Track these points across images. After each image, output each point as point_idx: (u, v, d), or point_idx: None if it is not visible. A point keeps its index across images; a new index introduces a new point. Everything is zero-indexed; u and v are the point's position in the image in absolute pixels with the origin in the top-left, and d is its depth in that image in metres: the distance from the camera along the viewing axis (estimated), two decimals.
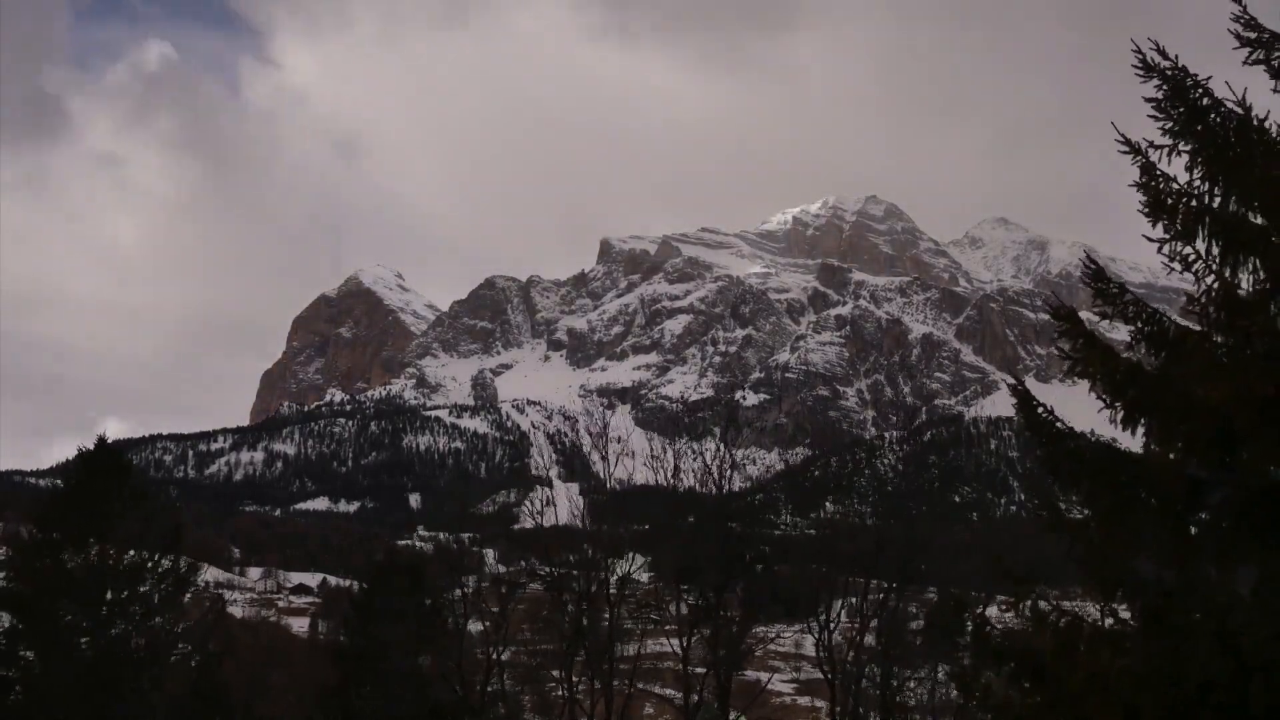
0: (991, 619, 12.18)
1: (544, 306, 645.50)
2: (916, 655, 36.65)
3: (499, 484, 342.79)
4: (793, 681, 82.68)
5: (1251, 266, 10.44)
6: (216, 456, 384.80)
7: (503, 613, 36.98)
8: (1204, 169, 10.79)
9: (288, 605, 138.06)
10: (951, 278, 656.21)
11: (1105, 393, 10.86)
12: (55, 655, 28.61)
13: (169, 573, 30.94)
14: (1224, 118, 10.77)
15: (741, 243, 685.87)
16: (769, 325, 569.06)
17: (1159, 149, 11.01)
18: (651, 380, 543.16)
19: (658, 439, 36.68)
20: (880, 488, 70.75)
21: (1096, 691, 9.91)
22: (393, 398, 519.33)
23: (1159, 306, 12.87)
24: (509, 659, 38.41)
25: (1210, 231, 10.60)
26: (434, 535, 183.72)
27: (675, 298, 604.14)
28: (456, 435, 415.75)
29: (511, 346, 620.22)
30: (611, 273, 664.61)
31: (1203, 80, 10.92)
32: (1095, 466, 11.11)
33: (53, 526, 29.97)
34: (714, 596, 34.18)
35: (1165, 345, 10.80)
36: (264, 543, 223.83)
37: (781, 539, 44.50)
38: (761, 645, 40.80)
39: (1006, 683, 11.69)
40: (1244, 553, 10.42)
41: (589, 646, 34.44)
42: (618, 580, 36.11)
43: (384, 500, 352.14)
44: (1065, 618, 10.85)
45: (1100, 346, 11.01)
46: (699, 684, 35.15)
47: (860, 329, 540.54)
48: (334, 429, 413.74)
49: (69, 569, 29.43)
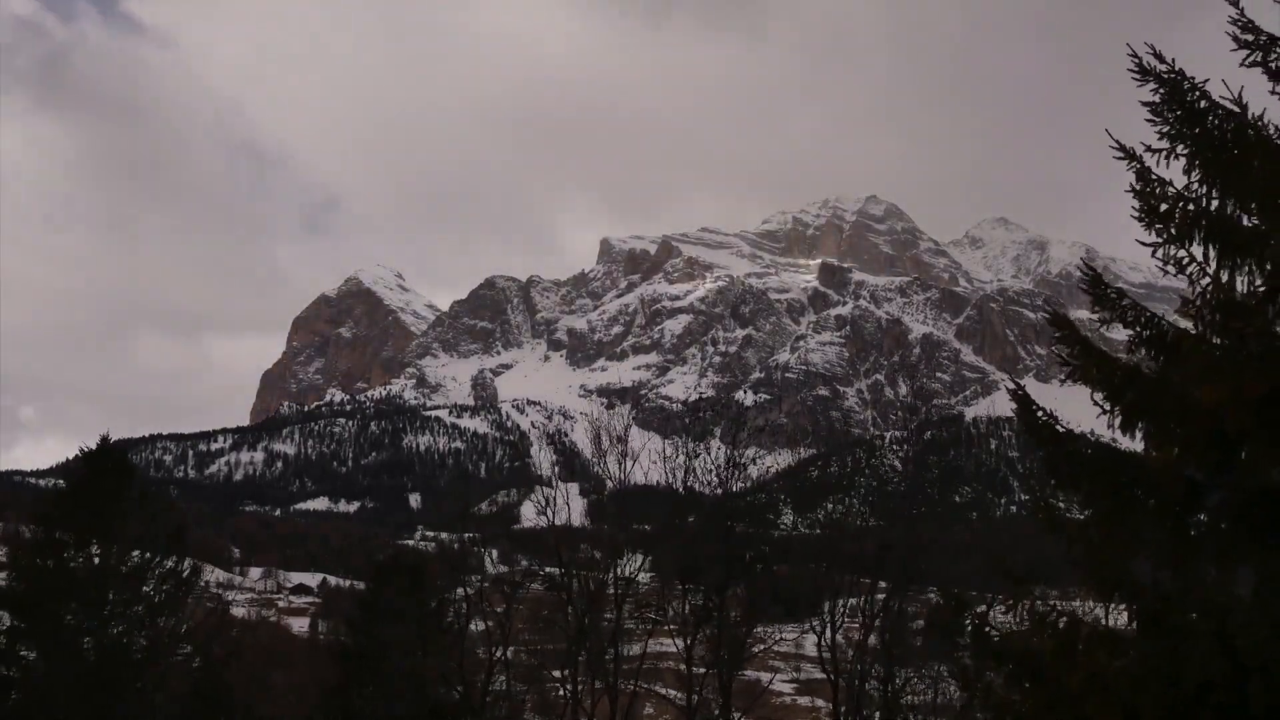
0: (992, 620, 12.23)
1: (544, 306, 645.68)
2: (918, 655, 36.69)
3: (499, 484, 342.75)
4: (793, 681, 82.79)
5: (1248, 269, 10.48)
6: (216, 456, 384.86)
7: (506, 613, 37.03)
8: (1201, 172, 10.83)
9: (288, 605, 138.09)
10: (951, 278, 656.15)
11: (1104, 398, 10.91)
12: (57, 655, 28.65)
13: (171, 574, 31.00)
14: (1221, 120, 10.81)
15: (741, 243, 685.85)
16: (769, 325, 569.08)
17: (1155, 152, 11.05)
18: (651, 380, 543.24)
19: (658, 439, 36.62)
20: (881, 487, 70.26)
21: (1095, 692, 9.95)
22: (393, 398, 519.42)
23: (1159, 307, 12.95)
24: (510, 658, 38.45)
25: (1207, 235, 10.64)
26: (435, 535, 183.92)
27: (675, 298, 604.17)
28: (456, 435, 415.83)
29: (511, 346, 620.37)
30: (611, 273, 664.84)
31: (1199, 83, 10.95)
32: (1095, 468, 11.16)
33: (55, 526, 30.02)
34: (716, 597, 34.22)
35: (1163, 348, 10.85)
36: (264, 543, 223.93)
37: (783, 539, 44.40)
38: (762, 646, 40.84)
39: (1006, 683, 11.74)
40: (1243, 554, 10.46)
41: (590, 646, 34.48)
42: (621, 580, 36.13)
43: (384, 500, 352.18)
44: (1064, 618, 10.89)
45: (1097, 353, 11.08)
46: (700, 684, 35.19)
47: (860, 329, 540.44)
48: (334, 429, 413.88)
49: (71, 569, 29.48)
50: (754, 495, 43.76)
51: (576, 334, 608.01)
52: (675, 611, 37.17)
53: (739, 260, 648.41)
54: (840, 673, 35.07)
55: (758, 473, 37.89)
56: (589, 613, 34.75)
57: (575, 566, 36.27)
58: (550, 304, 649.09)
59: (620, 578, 36.40)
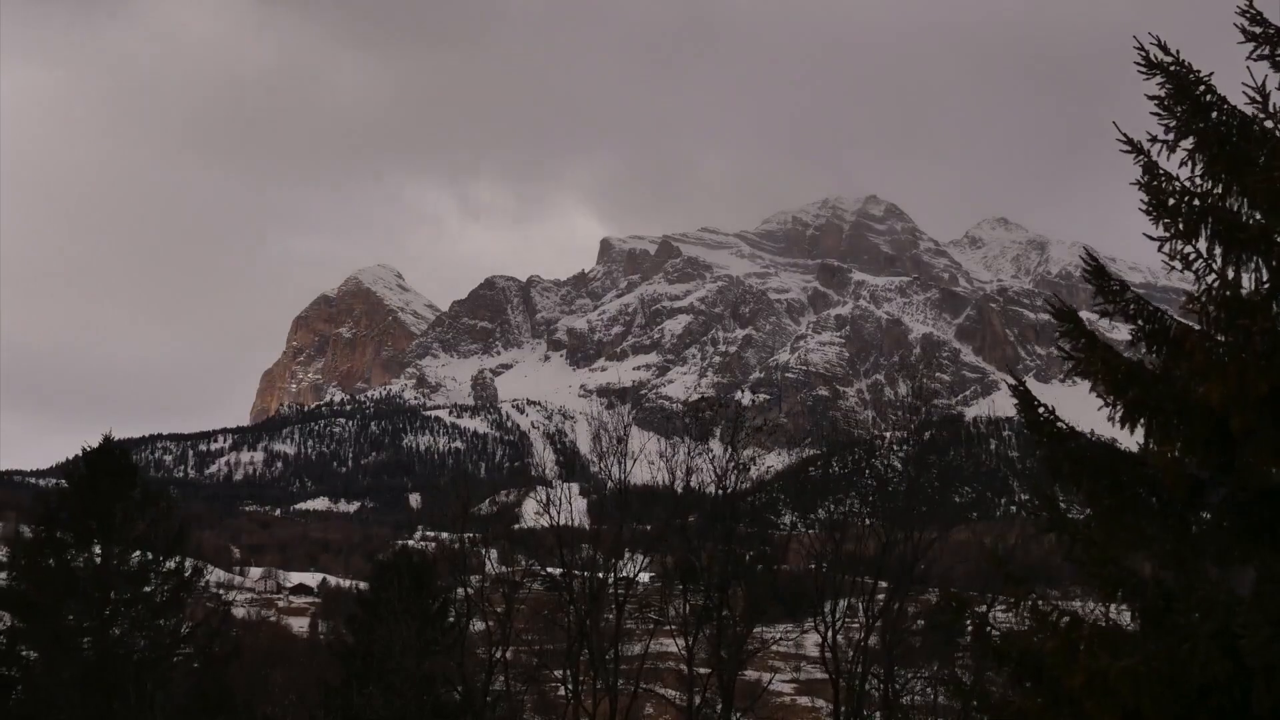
0: (992, 619, 12.19)
1: (544, 306, 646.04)
2: (918, 655, 36.66)
3: (499, 484, 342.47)
4: (793, 681, 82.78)
5: (1254, 265, 10.40)
6: (216, 456, 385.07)
7: (506, 613, 36.97)
8: (1207, 166, 10.76)
9: (288, 605, 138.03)
10: (951, 278, 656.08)
11: (1106, 392, 10.84)
12: (58, 655, 28.61)
13: (173, 574, 30.96)
14: (1228, 114, 10.73)
15: (741, 243, 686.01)
16: (769, 325, 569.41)
17: (1161, 144, 10.95)
18: (651, 380, 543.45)
19: (658, 439, 36.61)
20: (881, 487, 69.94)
21: (1096, 692, 9.90)
22: (393, 398, 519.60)
23: (1159, 306, 12.88)
24: (510, 658, 38.40)
25: (1213, 230, 10.56)
26: (435, 535, 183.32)
27: (675, 298, 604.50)
28: (456, 435, 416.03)
29: (511, 346, 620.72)
30: (611, 273, 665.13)
31: (1205, 76, 10.87)
32: (1096, 466, 11.10)
33: (57, 526, 29.96)
34: (716, 597, 34.19)
35: (1166, 344, 10.77)
36: (264, 543, 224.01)
37: (783, 539, 44.25)
38: (763, 646, 40.80)
39: (1007, 683, 11.69)
40: (1245, 553, 10.41)
41: (590, 646, 34.43)
42: (621, 580, 36.09)
43: (384, 500, 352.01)
44: (1065, 618, 10.84)
45: (1101, 345, 10.99)
46: (701, 684, 35.15)
47: (860, 329, 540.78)
48: (334, 429, 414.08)
49: (73, 569, 29.43)
50: (754, 495, 43.70)
51: (576, 334, 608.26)
52: (675, 611, 37.12)
53: (739, 260, 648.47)
54: (840, 673, 35.04)
55: (758, 473, 37.84)
56: (589, 613, 34.70)
57: (575, 566, 36.22)
58: (550, 304, 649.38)
59: (620, 578, 36.36)
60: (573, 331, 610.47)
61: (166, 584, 30.95)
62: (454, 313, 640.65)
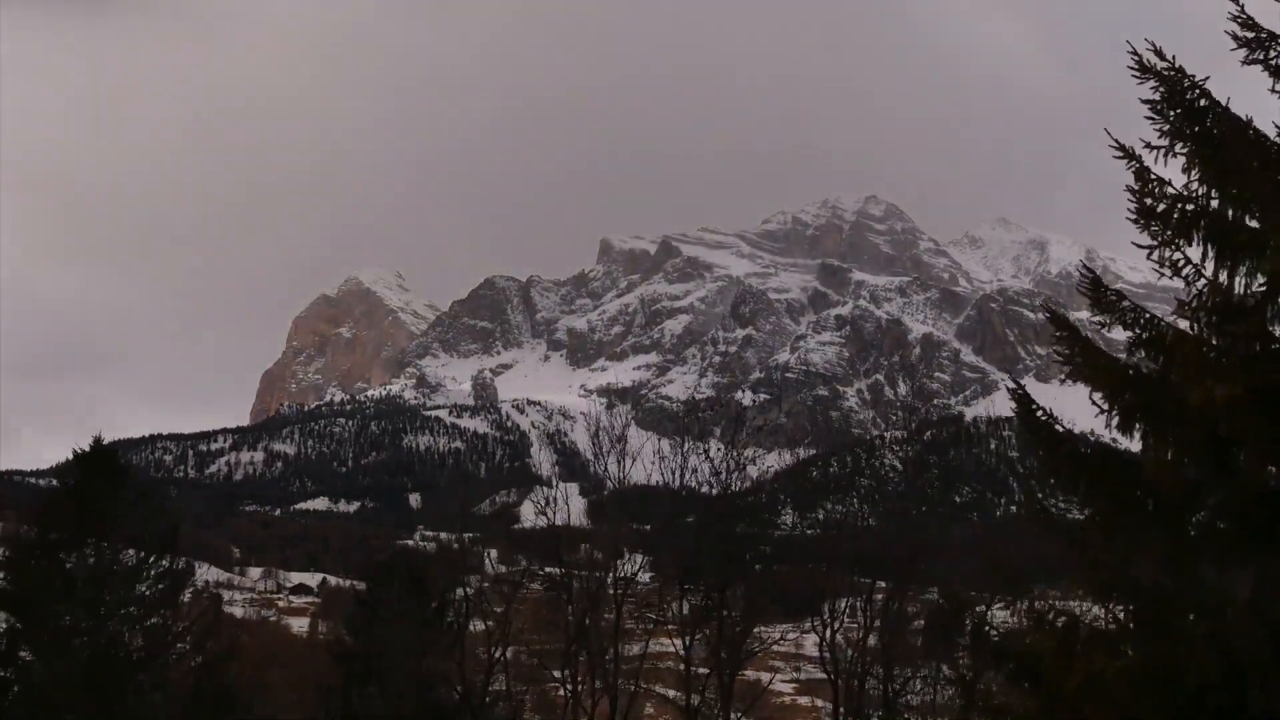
0: (991, 619, 12.23)
1: (544, 306, 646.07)
2: (918, 655, 36.71)
3: (499, 484, 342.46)
4: (793, 681, 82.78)
5: (1246, 270, 10.43)
6: (216, 456, 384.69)
7: (506, 613, 37.04)
8: (1200, 171, 10.78)
9: (288, 605, 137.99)
10: (951, 278, 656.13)
11: (1102, 398, 10.88)
12: (53, 656, 28.66)
13: (165, 573, 31.01)
14: (1221, 119, 10.75)
15: (741, 243, 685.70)
16: (769, 325, 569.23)
17: (1154, 149, 10.98)
18: (651, 380, 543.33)
19: (659, 439, 36.67)
20: (881, 487, 70.24)
21: (1094, 693, 9.94)
22: (393, 398, 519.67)
23: (1159, 307, 12.91)
24: (510, 658, 38.45)
25: (1206, 235, 10.59)
26: (435, 535, 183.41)
27: (675, 298, 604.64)
28: (456, 435, 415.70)
29: (511, 346, 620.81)
30: (611, 272, 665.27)
31: (1200, 81, 10.89)
32: (1094, 469, 11.14)
33: (50, 527, 30.04)
34: (716, 597, 34.23)
35: (1162, 349, 10.81)
36: (264, 543, 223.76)
37: (783, 539, 44.54)
38: (762, 645, 40.85)
39: (1006, 684, 11.72)
40: (1241, 555, 10.44)
41: (590, 646, 34.48)
42: (621, 580, 36.12)
43: (384, 500, 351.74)
44: (1063, 618, 10.88)
45: (1096, 353, 11.05)
46: (701, 684, 35.19)
47: (860, 329, 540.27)
48: (334, 429, 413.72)
49: (67, 570, 29.49)
50: (754, 495, 43.74)
51: (576, 334, 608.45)
52: (675, 611, 37.16)
53: (739, 260, 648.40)
54: (840, 673, 35.08)
55: (758, 473, 37.89)
56: (589, 613, 34.74)
57: (575, 566, 36.26)
58: (550, 304, 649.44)
59: (620, 578, 36.39)
60: (573, 331, 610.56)
61: (159, 582, 31.00)
62: (454, 313, 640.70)
